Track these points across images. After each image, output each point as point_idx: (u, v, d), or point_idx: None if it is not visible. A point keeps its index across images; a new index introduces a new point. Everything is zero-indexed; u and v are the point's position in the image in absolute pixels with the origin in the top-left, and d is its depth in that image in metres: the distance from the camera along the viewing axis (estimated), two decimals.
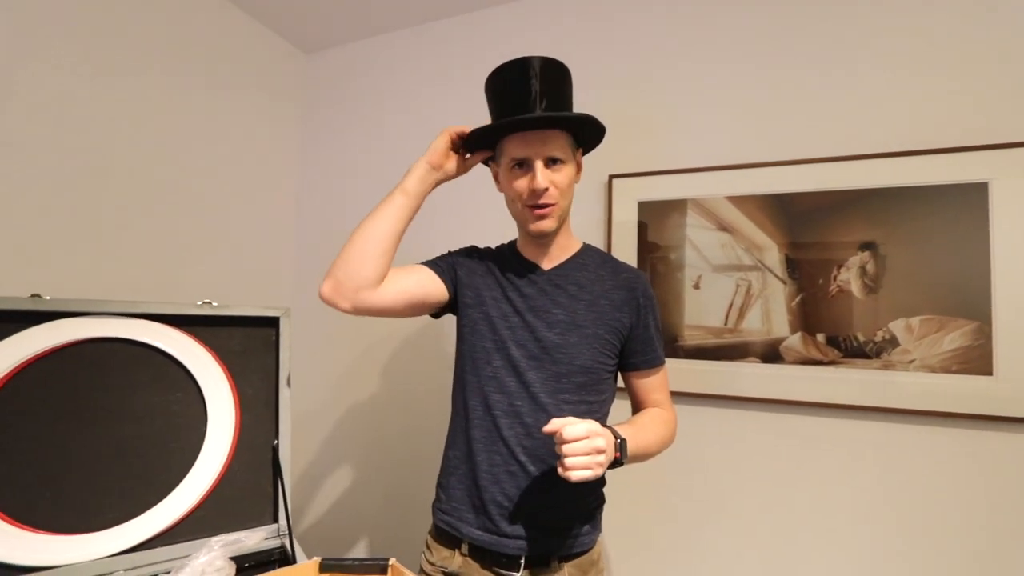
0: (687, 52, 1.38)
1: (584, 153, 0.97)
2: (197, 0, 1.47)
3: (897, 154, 1.17)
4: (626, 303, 0.91)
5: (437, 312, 0.96)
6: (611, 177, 1.43)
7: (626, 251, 1.40)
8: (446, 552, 0.88)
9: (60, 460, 0.76)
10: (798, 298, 1.24)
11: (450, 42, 1.65)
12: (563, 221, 0.90)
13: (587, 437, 0.68)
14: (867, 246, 1.19)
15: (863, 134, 1.20)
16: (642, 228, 1.40)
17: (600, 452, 0.69)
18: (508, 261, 0.95)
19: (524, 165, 0.84)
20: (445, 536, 0.89)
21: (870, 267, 1.18)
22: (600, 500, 0.94)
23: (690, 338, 1.33)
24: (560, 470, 0.68)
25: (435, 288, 0.91)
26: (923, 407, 1.11)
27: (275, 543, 0.85)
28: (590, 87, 1.48)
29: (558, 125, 0.84)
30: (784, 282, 1.26)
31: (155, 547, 0.78)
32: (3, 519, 0.70)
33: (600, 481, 0.93)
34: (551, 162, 0.84)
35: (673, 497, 1.33)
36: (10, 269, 1.02)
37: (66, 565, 0.72)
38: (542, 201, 0.83)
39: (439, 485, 0.94)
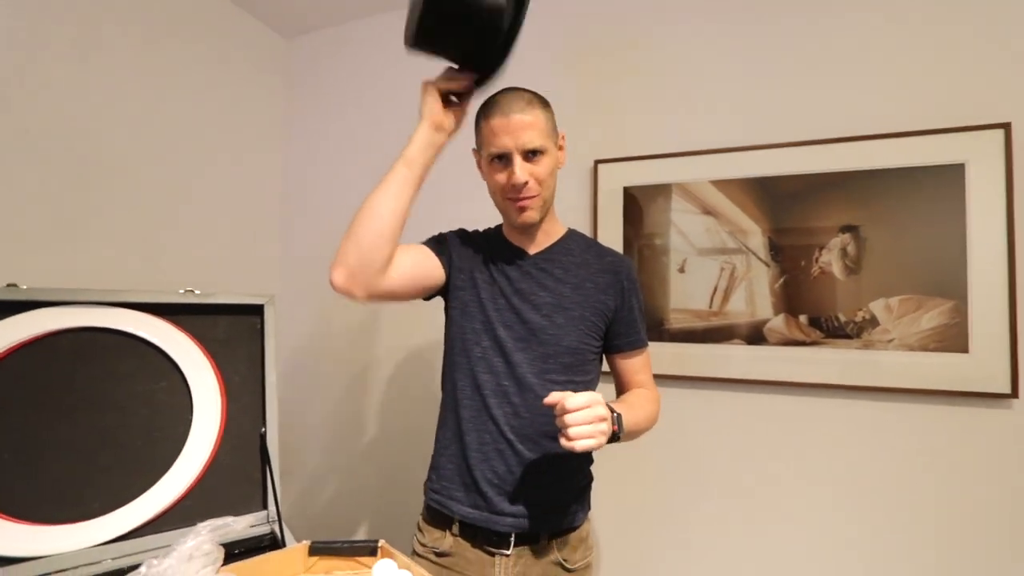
0: (672, 36, 1.38)
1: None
2: None
3: (875, 136, 1.19)
4: (611, 286, 0.92)
5: (429, 295, 0.95)
6: (596, 162, 1.43)
7: (612, 236, 1.41)
8: (437, 533, 0.89)
9: (42, 451, 0.75)
10: (781, 280, 1.26)
11: None
12: (547, 209, 0.91)
13: (589, 406, 0.69)
14: (848, 228, 1.21)
15: (843, 117, 1.22)
16: (627, 213, 1.40)
17: (602, 420, 0.70)
18: (495, 245, 0.96)
19: (503, 159, 0.84)
20: (437, 516, 0.90)
21: (851, 248, 1.20)
22: (588, 478, 0.95)
23: (676, 321, 1.35)
24: (563, 441, 0.68)
25: (435, 270, 0.91)
26: (902, 384, 1.14)
27: (265, 529, 0.85)
28: (574, 72, 1.48)
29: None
30: (767, 265, 1.27)
31: (143, 535, 0.77)
32: None
33: (588, 459, 0.95)
34: (530, 154, 0.83)
35: (661, 477, 1.35)
36: None
37: (52, 555, 0.71)
38: (523, 195, 0.84)
39: (431, 466, 0.94)
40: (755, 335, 1.28)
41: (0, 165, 1.06)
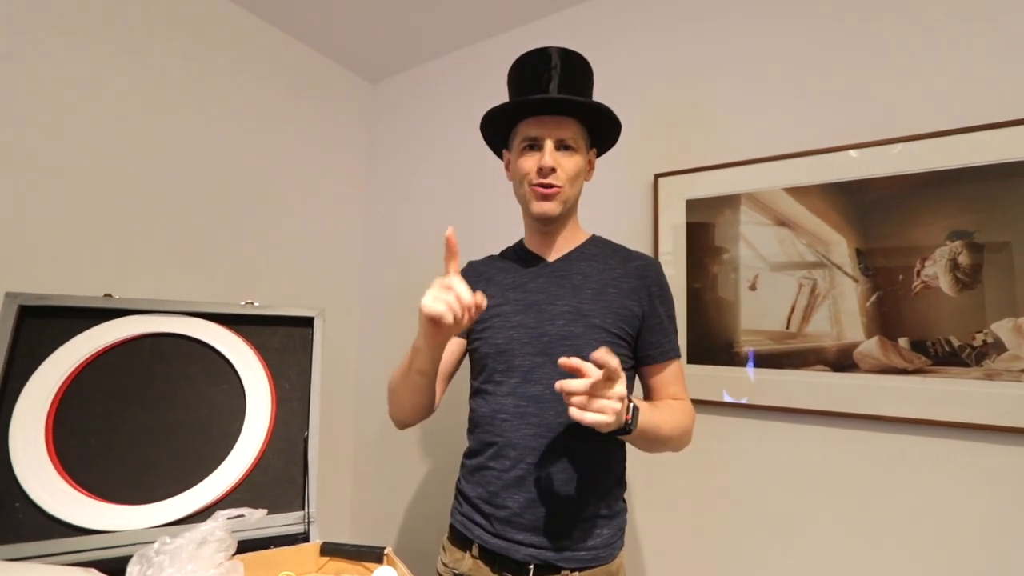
0: (732, 31, 1.30)
1: (599, 154, 0.95)
2: (270, 41, 1.66)
3: (994, 126, 0.99)
4: (635, 291, 0.86)
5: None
6: (656, 176, 1.36)
7: (675, 253, 1.32)
8: (458, 553, 0.87)
9: (121, 439, 0.87)
10: (873, 297, 1.09)
11: (505, 56, 1.69)
12: (568, 209, 0.88)
13: (609, 380, 0.64)
14: (958, 235, 1.01)
15: (949, 106, 1.04)
16: (691, 228, 1.31)
17: (619, 399, 0.64)
18: (511, 259, 0.95)
19: (535, 146, 0.84)
20: (459, 537, 0.88)
21: (963, 259, 1.00)
22: (621, 507, 0.88)
23: (747, 344, 1.22)
24: (571, 410, 0.64)
25: (458, 348, 0.95)
26: None
27: (300, 528, 0.90)
28: (633, 83, 1.44)
29: (570, 111, 0.84)
30: (855, 280, 1.11)
31: (194, 522, 0.85)
32: (73, 486, 0.81)
33: (620, 487, 0.88)
34: (562, 146, 0.83)
35: (732, 519, 1.20)
36: (88, 272, 1.19)
37: (121, 531, 0.81)
38: (547, 181, 0.82)
39: (457, 489, 0.93)
40: (843, 360, 1.11)
41: (111, 194, 1.25)
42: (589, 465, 0.82)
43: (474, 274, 0.96)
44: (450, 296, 0.64)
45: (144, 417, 0.89)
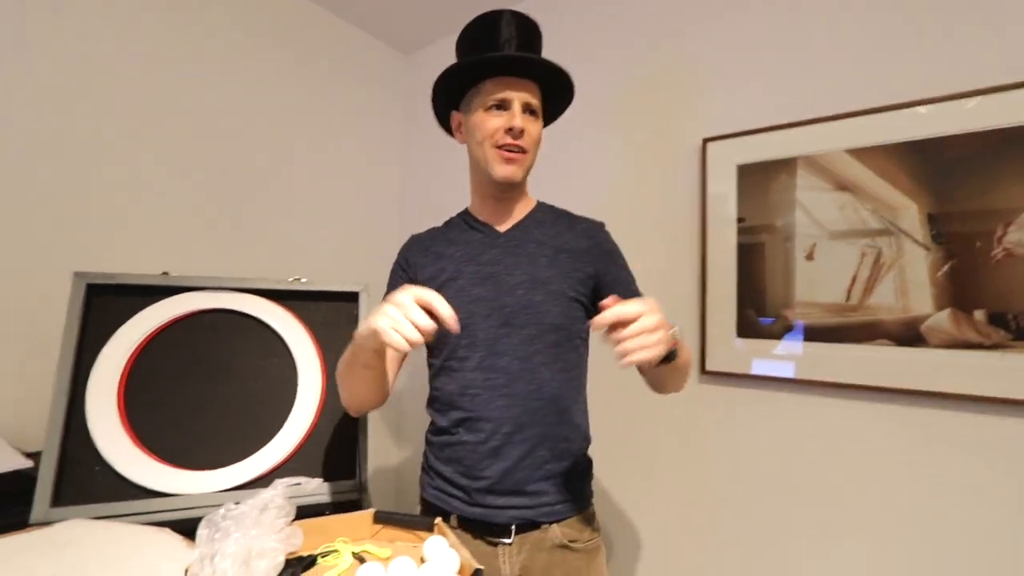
0: None
1: (544, 124, 0.91)
2: (305, 15, 1.65)
3: None
4: (587, 252, 0.87)
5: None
6: (705, 141, 1.29)
7: (724, 222, 1.26)
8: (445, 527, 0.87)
9: (185, 409, 0.92)
10: (946, 267, 1.01)
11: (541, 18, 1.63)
12: (525, 178, 0.87)
13: (643, 313, 0.61)
14: None
15: None
16: (742, 195, 1.24)
17: (659, 328, 0.62)
18: (458, 230, 0.92)
19: (502, 106, 0.81)
20: (434, 510, 0.86)
21: None
22: (588, 463, 0.91)
23: (803, 316, 1.16)
24: (619, 360, 0.61)
25: None
26: None
27: (353, 496, 0.93)
28: (678, 42, 1.36)
29: (532, 73, 0.82)
30: (927, 248, 1.03)
31: (255, 487, 0.90)
32: (145, 452, 0.87)
33: (585, 442, 0.90)
34: (528, 110, 0.82)
35: (789, 504, 1.16)
36: (146, 250, 1.24)
37: (190, 495, 0.87)
38: (517, 142, 0.80)
39: (426, 465, 0.91)
40: (909, 335, 1.04)
41: (159, 177, 1.30)
42: (561, 426, 0.84)
43: (420, 249, 0.93)
44: (406, 328, 0.61)
45: (204, 388, 0.94)
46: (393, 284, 0.93)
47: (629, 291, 0.89)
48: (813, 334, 1.14)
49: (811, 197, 1.16)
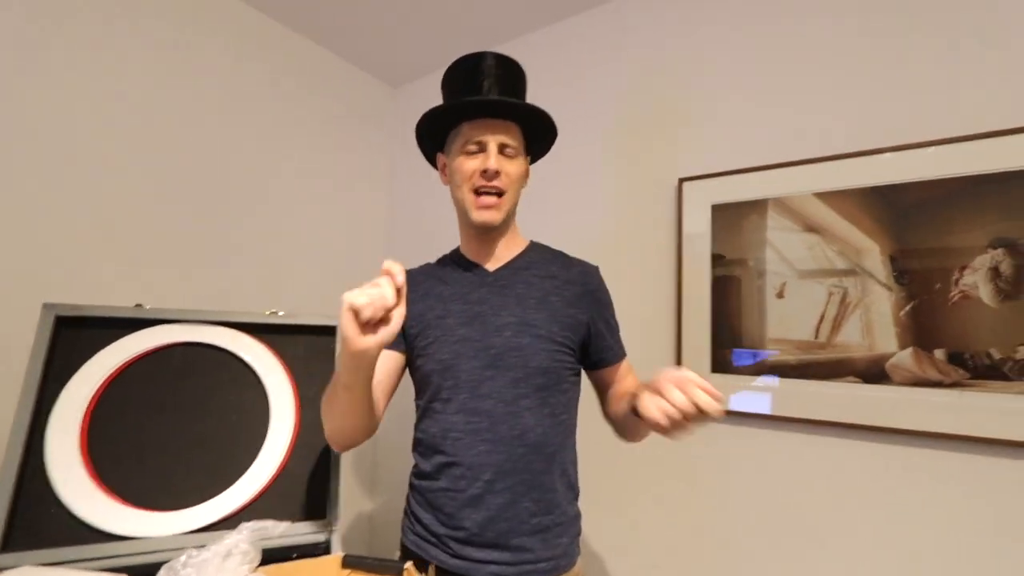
0: (761, 32, 1.26)
1: (532, 161, 0.94)
2: (292, 46, 1.68)
3: None
4: (579, 298, 0.87)
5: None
6: (681, 180, 1.34)
7: (699, 260, 1.29)
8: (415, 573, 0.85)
9: (152, 446, 0.89)
10: (908, 307, 1.05)
11: (525, 59, 1.67)
12: (509, 217, 0.87)
13: (688, 379, 0.59)
14: (1001, 242, 0.97)
15: (994, 107, 0.99)
16: (716, 234, 1.28)
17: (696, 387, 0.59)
18: (449, 268, 0.92)
19: (478, 148, 0.82)
20: (414, 557, 0.84)
21: (1005, 267, 0.96)
22: (575, 515, 0.87)
23: (775, 353, 1.18)
24: (707, 415, 0.58)
25: (398, 361, 0.87)
26: None
27: (322, 537, 0.91)
28: (657, 85, 1.42)
29: (512, 115, 0.84)
30: (889, 288, 1.07)
31: (220, 529, 0.87)
32: (105, 492, 0.84)
33: (573, 494, 0.88)
34: (505, 149, 0.83)
35: (756, 537, 1.17)
36: (119, 282, 1.21)
37: (150, 538, 0.83)
38: (492, 184, 0.81)
39: (407, 510, 0.89)
40: (875, 372, 1.07)
41: (137, 206, 1.27)
42: (545, 474, 0.81)
43: (413, 285, 0.91)
44: (375, 292, 0.60)
45: (173, 424, 0.91)
46: None
47: (616, 339, 0.92)
48: (785, 370, 1.17)
49: (781, 237, 1.20)
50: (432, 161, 0.97)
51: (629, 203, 1.44)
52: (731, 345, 1.23)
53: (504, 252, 0.90)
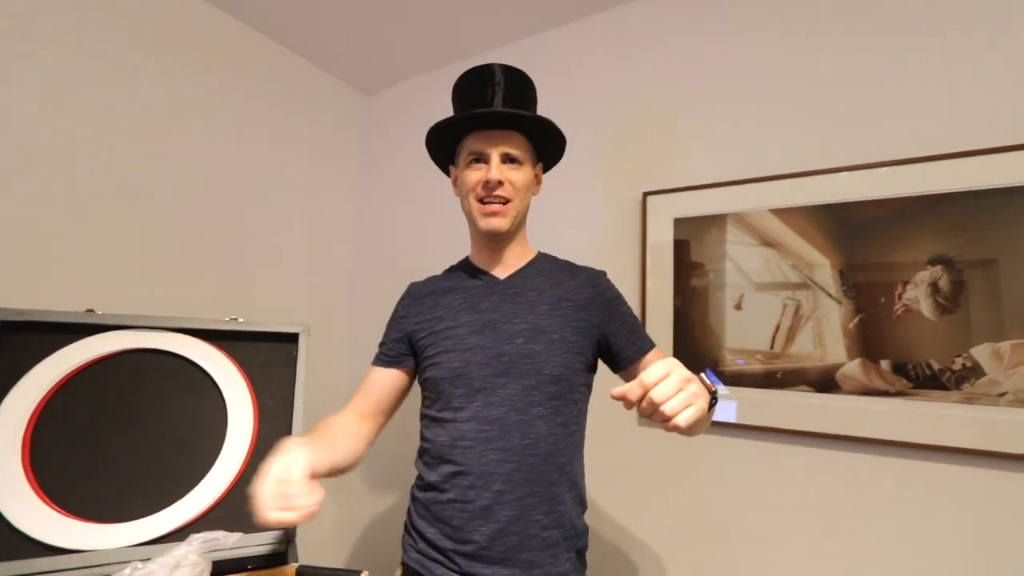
0: (723, 51, 1.31)
1: (545, 170, 0.96)
2: (263, 52, 1.66)
3: (976, 152, 1.01)
4: (590, 301, 0.87)
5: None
6: (645, 195, 1.37)
7: (662, 271, 1.33)
8: None
9: (100, 457, 0.86)
10: (856, 319, 1.10)
11: None
12: (517, 225, 0.88)
13: (668, 374, 0.56)
14: (939, 259, 1.03)
15: (933, 132, 1.06)
16: (679, 247, 1.32)
17: (689, 382, 0.57)
18: (459, 277, 0.93)
19: (481, 160, 0.84)
20: (416, 574, 0.83)
21: (943, 283, 1.02)
22: (584, 530, 0.87)
23: (732, 363, 1.22)
24: (665, 426, 0.57)
25: (398, 380, 0.90)
26: (1018, 450, 0.92)
27: (280, 548, 0.89)
28: (622, 101, 1.46)
29: (515, 125, 0.85)
30: (839, 301, 1.12)
31: (172, 541, 0.84)
32: (48, 504, 0.80)
33: (581, 508, 0.86)
34: (509, 159, 0.84)
35: (711, 540, 1.20)
36: (70, 285, 1.16)
37: (95, 551, 0.80)
38: (496, 194, 0.82)
39: (410, 526, 0.87)
40: (826, 381, 1.12)
41: (97, 207, 1.23)
42: (555, 486, 0.80)
43: (417, 298, 0.93)
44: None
45: (124, 434, 0.88)
46: (387, 334, 0.94)
47: (637, 334, 0.90)
48: (744, 380, 1.21)
49: (739, 251, 1.24)
50: (448, 174, 0.98)
51: (595, 215, 1.47)
52: (692, 355, 1.27)
53: (514, 260, 0.91)
